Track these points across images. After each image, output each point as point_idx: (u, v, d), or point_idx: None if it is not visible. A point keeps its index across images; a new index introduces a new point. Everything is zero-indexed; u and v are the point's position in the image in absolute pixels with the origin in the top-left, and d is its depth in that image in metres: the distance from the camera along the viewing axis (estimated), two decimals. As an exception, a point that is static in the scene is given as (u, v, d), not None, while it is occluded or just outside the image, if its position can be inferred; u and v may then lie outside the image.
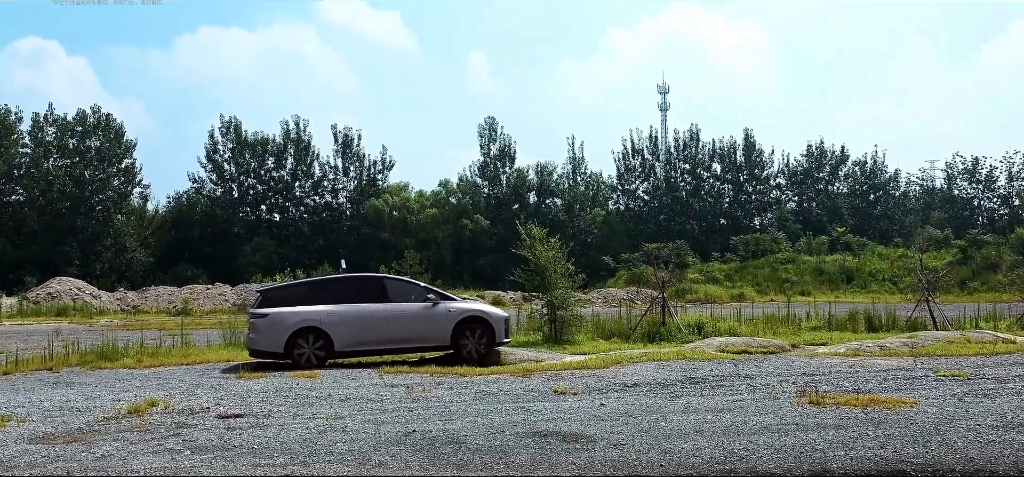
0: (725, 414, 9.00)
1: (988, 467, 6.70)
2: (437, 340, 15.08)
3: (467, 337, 15.07)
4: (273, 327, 14.37)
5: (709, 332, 19.07)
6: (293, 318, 14.43)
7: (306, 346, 14.36)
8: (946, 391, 10.24)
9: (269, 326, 14.40)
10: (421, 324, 14.97)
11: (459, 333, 15.04)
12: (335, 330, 14.48)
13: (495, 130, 61.77)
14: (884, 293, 40.58)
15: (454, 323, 15.01)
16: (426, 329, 14.98)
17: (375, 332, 14.77)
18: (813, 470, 6.70)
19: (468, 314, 15.29)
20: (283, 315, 14.48)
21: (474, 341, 15.07)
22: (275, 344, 14.36)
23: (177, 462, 7.18)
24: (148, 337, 19.39)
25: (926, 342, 16.03)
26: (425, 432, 8.33)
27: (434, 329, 14.98)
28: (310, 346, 14.37)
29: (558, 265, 19.22)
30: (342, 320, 14.56)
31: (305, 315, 14.50)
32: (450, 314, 15.08)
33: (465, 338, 15.06)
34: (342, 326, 14.53)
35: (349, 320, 14.61)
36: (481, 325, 15.21)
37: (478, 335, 15.12)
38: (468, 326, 15.10)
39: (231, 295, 39.79)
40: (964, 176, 65.96)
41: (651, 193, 64.11)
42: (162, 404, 10.13)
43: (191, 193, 59.91)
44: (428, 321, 14.97)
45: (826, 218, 62.01)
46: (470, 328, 15.11)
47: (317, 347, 14.40)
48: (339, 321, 14.53)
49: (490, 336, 15.21)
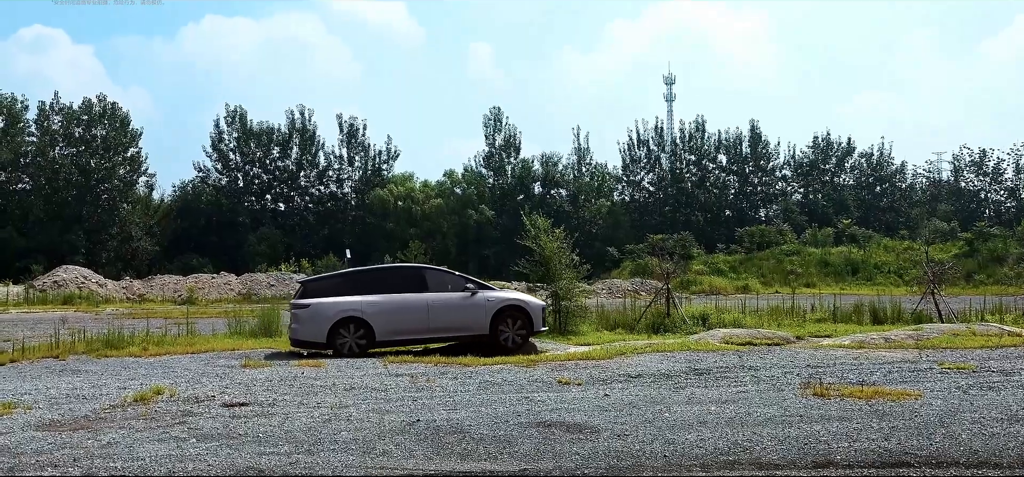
0: (729, 405, 9.00)
1: (992, 459, 6.69)
2: (476, 329, 15.14)
3: (506, 325, 15.16)
4: (315, 317, 14.52)
5: (713, 323, 19.06)
6: (335, 308, 14.57)
7: (348, 336, 14.47)
8: (951, 384, 10.22)
9: (311, 316, 14.55)
10: (460, 313, 15.07)
11: (497, 322, 15.13)
12: (376, 320, 14.60)
13: (500, 120, 61.78)
14: (889, 285, 40.48)
15: (493, 312, 15.11)
16: (465, 318, 15.09)
17: (415, 321, 14.89)
18: (817, 461, 6.69)
19: (506, 303, 15.38)
20: (325, 305, 14.62)
21: (512, 330, 15.17)
22: (317, 334, 14.49)
23: (182, 450, 7.21)
24: (154, 326, 19.45)
25: (931, 335, 16.00)
26: (429, 421, 8.35)
27: (473, 318, 15.10)
28: (351, 335, 14.49)
29: (563, 256, 19.23)
30: (383, 310, 14.69)
31: (346, 305, 14.61)
32: (489, 303, 15.19)
33: (503, 326, 15.15)
34: (383, 316, 14.66)
35: (390, 310, 14.74)
36: (519, 314, 15.31)
37: (516, 324, 15.24)
38: (507, 315, 15.21)
39: (236, 284, 39.89)
40: (971, 168, 65.79)
41: (656, 184, 64.03)
42: (168, 392, 10.17)
43: (196, 182, 60.13)
44: (467, 310, 15.08)
45: (832, 210, 61.85)
46: (509, 317, 15.21)
47: (358, 336, 14.51)
48: (380, 311, 14.66)
49: (528, 325, 15.32)
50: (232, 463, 6.77)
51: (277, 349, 15.44)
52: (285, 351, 15.12)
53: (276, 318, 18.87)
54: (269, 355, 14.41)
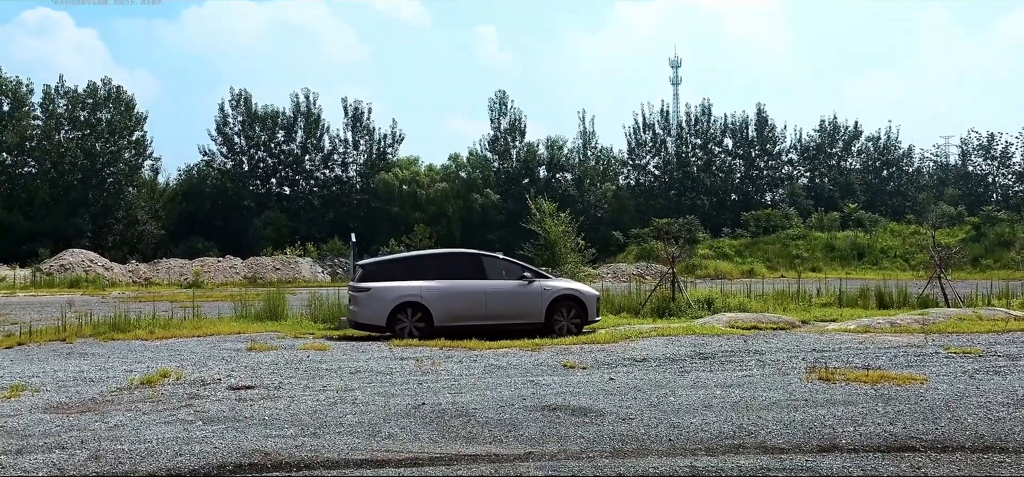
0: (734, 389, 9.00)
1: (998, 443, 6.68)
2: (532, 317, 15.31)
3: (561, 314, 15.33)
4: (375, 301, 14.77)
5: (719, 308, 19.05)
6: (394, 292, 14.78)
7: (407, 320, 14.67)
8: (957, 368, 10.20)
9: (371, 300, 14.81)
10: (517, 301, 15.27)
11: (552, 310, 15.30)
12: (435, 305, 14.79)
13: (505, 104, 61.56)
14: (896, 270, 40.40)
15: (549, 301, 15.31)
16: (522, 306, 15.28)
17: (473, 308, 15.06)
18: (822, 445, 6.69)
19: (562, 292, 15.58)
20: (385, 289, 14.85)
21: (567, 319, 15.33)
22: (377, 317, 14.76)
23: (189, 432, 7.24)
24: (160, 309, 19.52)
25: (937, 319, 15.97)
26: (435, 405, 8.37)
27: (529, 306, 15.28)
28: (411, 320, 14.67)
29: (568, 240, 19.26)
30: (441, 295, 14.88)
31: (406, 290, 14.82)
32: (545, 292, 15.39)
33: (559, 315, 15.31)
34: (441, 301, 14.85)
35: (448, 295, 14.93)
36: (574, 303, 15.50)
37: (571, 312, 15.40)
38: (562, 304, 15.38)
39: (242, 268, 40.00)
40: (979, 152, 65.40)
41: (662, 168, 63.81)
42: (174, 375, 10.21)
43: (202, 166, 60.11)
44: (524, 298, 15.28)
45: (838, 194, 61.59)
46: (564, 306, 15.38)
47: (417, 321, 14.70)
48: (439, 296, 14.85)
49: (582, 314, 15.49)
50: (238, 445, 6.80)
51: (282, 333, 15.48)
52: (291, 335, 15.17)
53: (282, 301, 18.91)
54: (275, 338, 14.45)
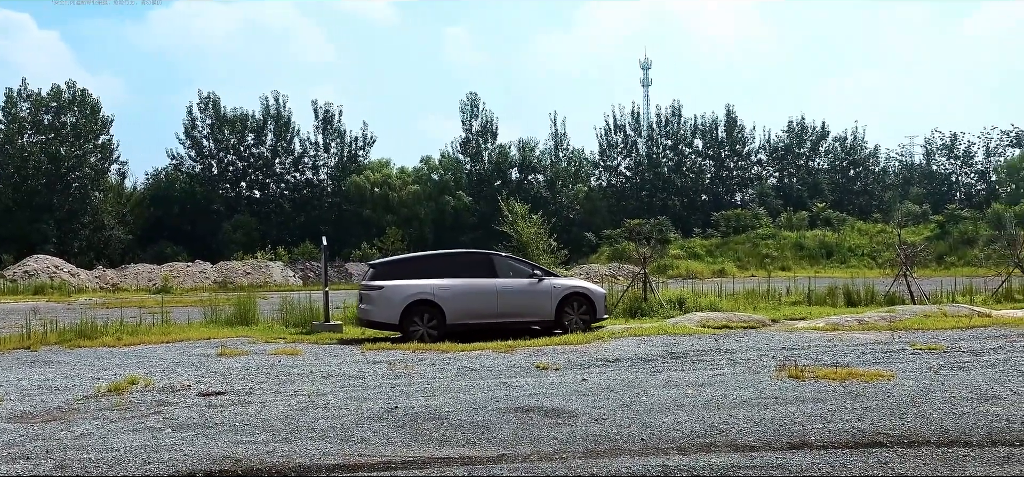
0: (705, 388, 9.07)
1: (962, 438, 6.80)
2: (543, 315, 15.51)
3: (571, 312, 15.52)
4: (388, 300, 14.81)
5: (690, 307, 19.20)
6: (407, 291, 14.82)
7: (420, 320, 14.74)
8: (923, 364, 10.37)
9: (384, 299, 14.85)
10: (528, 299, 15.44)
11: (562, 308, 15.48)
12: (447, 304, 14.88)
13: (477, 106, 61.58)
14: (863, 268, 40.99)
15: (559, 299, 15.49)
16: (532, 304, 15.46)
17: (485, 306, 15.20)
18: (792, 443, 6.77)
19: (572, 290, 15.82)
20: (397, 288, 14.89)
21: (577, 314, 15.55)
22: (390, 316, 14.82)
23: (158, 440, 7.14)
24: (128, 315, 19.23)
25: (904, 316, 16.23)
26: (407, 408, 8.34)
27: (540, 304, 15.47)
28: (424, 321, 14.75)
29: (540, 241, 19.32)
30: (454, 294, 14.98)
31: (419, 288, 14.89)
32: (555, 290, 15.59)
33: (569, 312, 15.50)
34: (454, 300, 14.94)
35: (461, 294, 15.04)
36: (584, 301, 15.71)
37: (582, 310, 15.61)
38: (572, 301, 15.58)
39: (212, 273, 39.57)
40: (942, 151, 66.61)
41: (633, 169, 64.17)
42: (142, 382, 10.06)
43: (170, 170, 59.40)
44: (534, 296, 15.45)
45: (806, 194, 62.37)
46: (574, 303, 15.57)
47: (430, 320, 14.79)
48: (451, 295, 14.95)
49: (591, 311, 15.72)
50: (208, 452, 6.72)
51: (253, 338, 15.33)
52: (262, 339, 15.03)
53: (252, 306, 18.72)
54: (246, 343, 14.30)
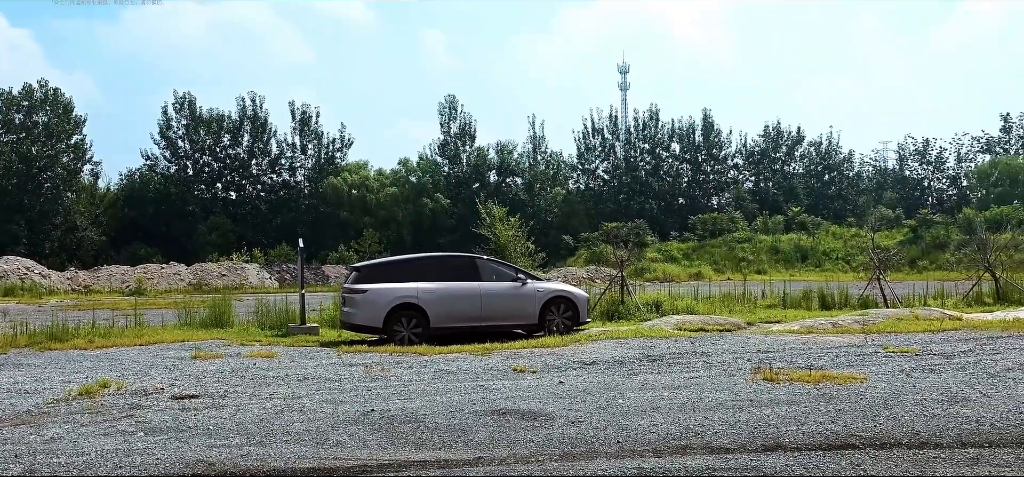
0: (681, 391, 9.12)
1: (933, 440, 6.89)
2: (526, 318, 15.63)
3: (553, 314, 15.68)
4: (372, 303, 14.79)
5: (667, 310, 19.29)
6: (391, 294, 14.84)
7: (403, 322, 14.73)
8: (895, 367, 10.50)
9: (367, 302, 14.83)
10: (512, 302, 15.54)
11: (545, 311, 15.63)
12: (431, 307, 14.91)
13: (455, 108, 61.49)
14: (837, 271, 41.42)
15: (542, 302, 15.64)
16: (516, 307, 15.57)
17: (469, 310, 15.24)
18: (766, 445, 6.83)
19: (555, 293, 16.02)
20: (381, 291, 14.89)
21: (561, 316, 15.73)
22: (373, 319, 14.78)
23: (130, 444, 7.06)
24: (100, 317, 18.97)
25: (877, 319, 16.41)
26: (384, 411, 8.30)
27: (524, 307, 15.58)
28: (407, 323, 14.75)
29: (518, 244, 19.34)
30: (438, 297, 15.02)
31: (403, 292, 14.90)
32: (539, 293, 15.75)
33: (552, 315, 15.67)
34: (438, 303, 14.98)
35: (445, 298, 15.09)
36: (567, 304, 15.89)
37: (565, 313, 15.79)
38: (555, 304, 15.75)
39: (187, 274, 39.17)
40: (915, 157, 67.53)
41: (611, 172, 64.41)
42: (114, 385, 9.93)
43: (144, 170, 58.70)
44: (518, 300, 15.56)
45: (782, 198, 62.94)
46: (557, 306, 15.76)
47: (414, 324, 14.79)
48: (435, 298, 14.98)
49: (575, 314, 15.89)
50: (181, 456, 6.65)
51: (228, 340, 15.19)
52: (237, 342, 14.89)
53: (228, 308, 18.54)
54: (220, 346, 14.16)
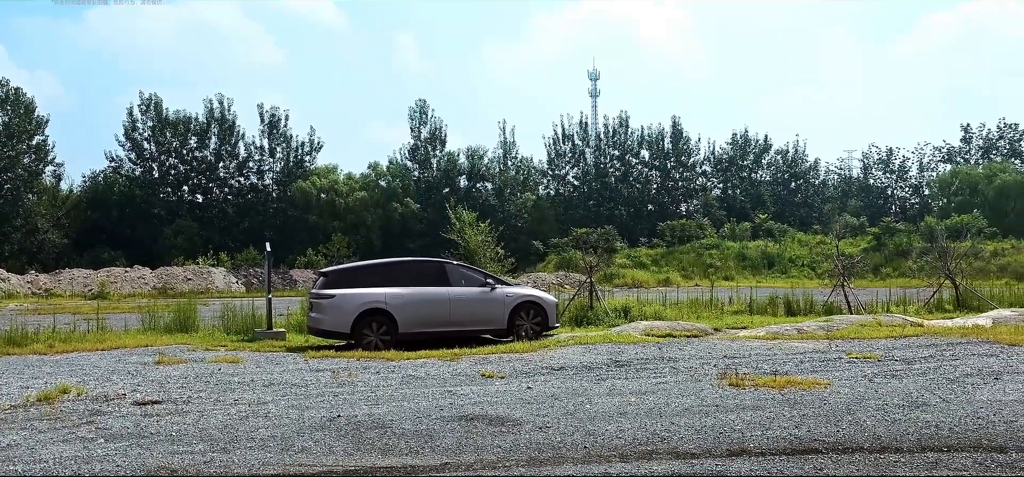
0: (648, 396, 9.16)
1: (894, 444, 7.00)
2: (495, 323, 15.62)
3: (523, 318, 15.70)
4: (339, 308, 14.64)
5: (635, 316, 19.39)
6: (359, 299, 14.70)
7: (372, 328, 14.63)
8: (858, 372, 10.65)
9: (335, 307, 14.67)
10: (481, 307, 15.51)
11: (515, 316, 15.64)
12: (400, 312, 14.81)
13: (426, 113, 61.35)
14: (803, 278, 41.93)
15: (511, 307, 15.64)
16: (485, 312, 15.54)
17: (438, 315, 15.18)
18: (731, 450, 6.88)
19: (524, 299, 15.96)
20: (349, 296, 14.74)
21: (529, 321, 15.74)
22: (341, 325, 14.66)
23: (89, 450, 6.93)
24: (61, 321, 18.62)
25: (841, 325, 16.64)
26: (350, 417, 8.24)
27: (492, 312, 15.55)
28: (376, 328, 14.65)
29: (488, 249, 19.32)
30: (406, 302, 14.92)
31: (371, 297, 14.78)
32: (508, 299, 15.72)
33: (521, 321, 15.66)
34: (406, 308, 14.88)
35: (413, 303, 15.00)
36: (536, 309, 15.90)
37: (534, 318, 15.81)
38: (524, 309, 15.77)
39: (151, 278, 38.61)
40: (879, 166, 68.76)
41: (581, 178, 64.70)
42: (75, 391, 9.75)
43: (108, 172, 57.74)
44: (487, 305, 15.53)
45: (749, 205, 63.68)
46: (526, 311, 15.77)
47: (382, 329, 14.68)
48: (404, 303, 14.89)
49: (544, 319, 15.91)
50: (143, 463, 6.54)
51: (193, 345, 14.99)
52: (202, 347, 14.70)
53: (193, 312, 18.31)
54: (185, 351, 13.96)
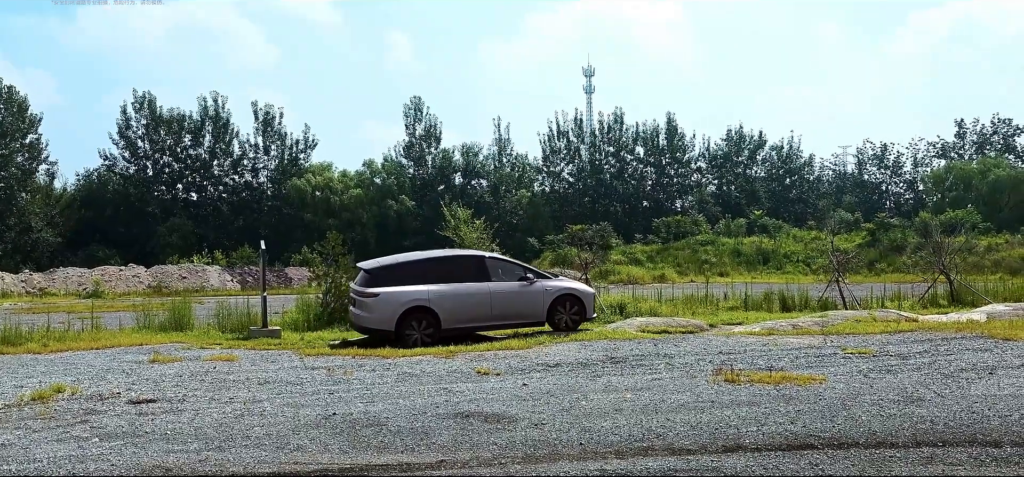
0: (644, 393, 9.17)
1: (889, 439, 7.02)
2: (535, 316, 15.87)
3: (561, 311, 15.94)
4: (384, 305, 14.89)
5: (631, 312, 19.41)
6: (403, 297, 14.96)
7: (416, 325, 14.85)
8: (853, 368, 10.67)
9: (380, 304, 14.92)
10: (520, 301, 15.72)
11: (554, 309, 15.87)
12: (442, 308, 15.04)
13: (421, 110, 61.23)
14: (798, 274, 41.97)
15: (551, 300, 15.88)
16: (525, 305, 15.76)
17: (479, 309, 15.41)
18: (727, 446, 6.89)
19: (563, 292, 16.20)
20: (394, 294, 14.99)
21: (568, 313, 15.99)
22: (386, 322, 14.87)
23: (84, 450, 6.91)
24: (55, 320, 18.57)
25: (836, 321, 16.67)
26: (346, 415, 8.23)
27: (532, 306, 15.79)
28: (419, 325, 14.87)
29: (483, 246, 19.24)
30: (449, 299, 15.15)
31: (415, 294, 15.04)
32: (547, 292, 15.95)
33: (560, 313, 15.91)
34: (449, 305, 15.11)
35: (455, 298, 15.21)
36: (574, 301, 16.13)
37: (573, 310, 16.04)
38: (563, 302, 15.99)
39: (146, 277, 38.50)
40: (873, 161, 68.84)
41: (576, 175, 64.66)
42: (69, 390, 9.72)
43: (102, 171, 57.53)
44: (527, 298, 15.75)
45: (744, 201, 63.69)
46: (564, 304, 16.00)
47: (426, 326, 14.90)
48: (446, 300, 15.12)
49: (582, 311, 16.16)
50: (138, 462, 6.52)
51: (188, 343, 14.95)
52: (197, 345, 14.66)
53: (188, 311, 18.26)
54: (180, 349, 13.93)
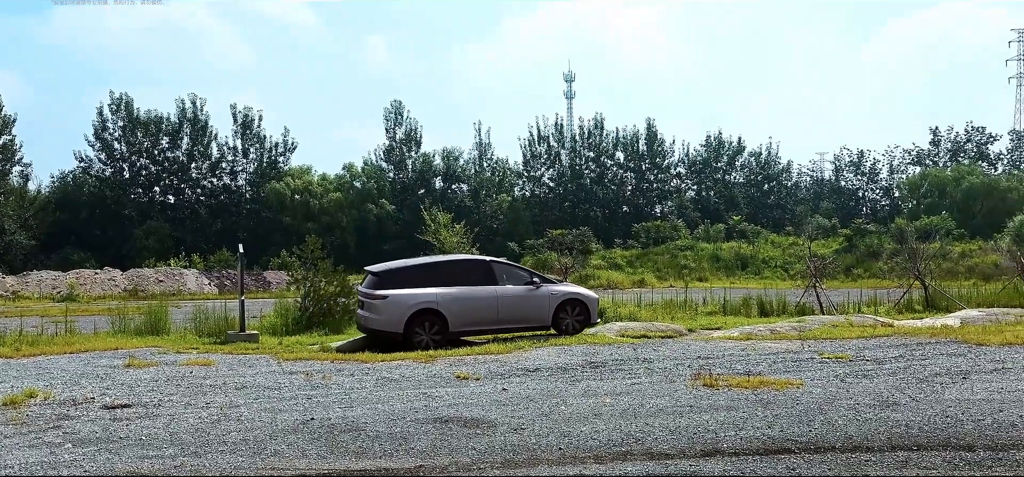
0: (623, 397, 9.19)
1: (865, 443, 7.08)
2: (540, 320, 16.16)
3: (566, 315, 16.25)
4: (393, 307, 15.08)
5: (610, 317, 19.43)
6: (412, 300, 15.15)
7: (424, 327, 15.08)
8: (830, 372, 10.75)
9: (389, 306, 15.11)
10: (526, 305, 16.00)
11: (559, 313, 16.18)
12: (450, 311, 15.26)
13: (401, 114, 61.16)
14: (776, 279, 42.31)
15: (556, 304, 16.18)
16: (530, 310, 16.05)
17: (485, 313, 15.64)
18: (705, 450, 6.92)
19: (568, 296, 16.52)
20: (402, 297, 15.17)
21: (573, 318, 16.30)
22: (394, 325, 15.07)
23: (56, 456, 6.81)
24: (29, 324, 18.31)
25: (813, 326, 16.79)
26: (324, 420, 8.17)
27: (538, 310, 16.09)
28: (428, 328, 15.10)
29: (463, 250, 19.23)
30: (457, 302, 15.36)
31: (423, 297, 15.24)
32: (552, 296, 16.24)
33: (564, 317, 16.23)
34: (456, 308, 15.33)
35: (463, 302, 15.43)
36: (579, 306, 16.46)
37: (577, 314, 16.34)
38: (568, 306, 16.32)
39: (122, 280, 38.08)
40: (850, 168, 69.59)
41: (556, 180, 64.85)
42: (41, 395, 9.58)
43: (78, 173, 56.91)
44: (532, 302, 16.02)
45: (723, 207, 64.14)
46: (569, 308, 16.32)
47: (434, 328, 15.13)
48: (454, 303, 15.33)
49: (586, 315, 16.47)
50: (111, 468, 6.44)
51: (164, 348, 14.79)
52: (173, 350, 14.51)
53: (164, 315, 18.08)
54: (156, 354, 13.78)
